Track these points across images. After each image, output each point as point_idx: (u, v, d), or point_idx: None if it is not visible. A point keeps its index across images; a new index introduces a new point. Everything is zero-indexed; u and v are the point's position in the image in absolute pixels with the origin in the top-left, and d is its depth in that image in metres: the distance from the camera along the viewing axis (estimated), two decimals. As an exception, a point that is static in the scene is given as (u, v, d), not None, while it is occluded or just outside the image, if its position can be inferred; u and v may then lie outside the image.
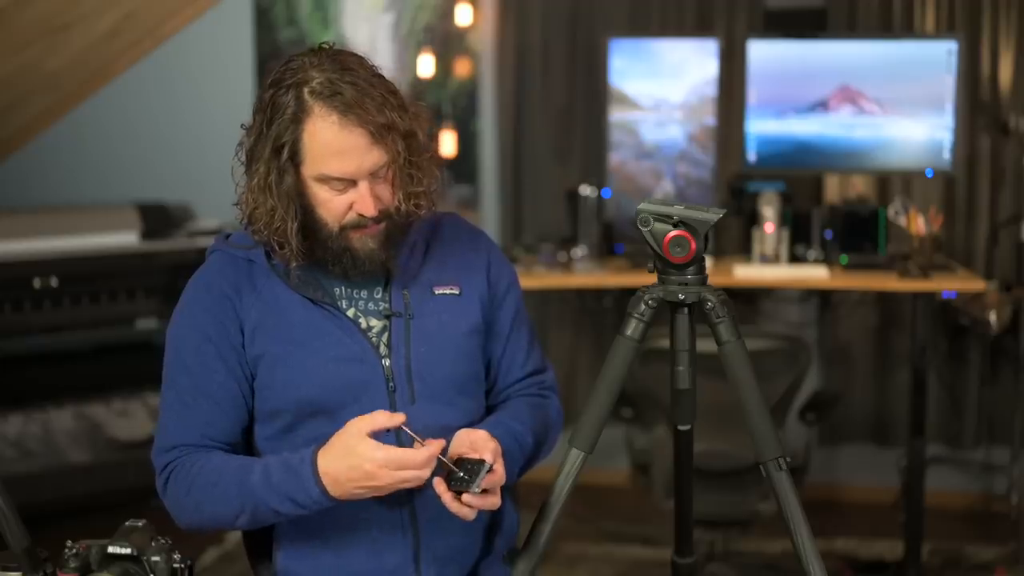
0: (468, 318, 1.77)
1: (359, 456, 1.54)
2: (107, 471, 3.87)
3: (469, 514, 1.60)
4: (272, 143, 1.62)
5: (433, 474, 1.58)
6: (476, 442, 1.63)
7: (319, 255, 1.68)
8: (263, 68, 4.31)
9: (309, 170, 1.63)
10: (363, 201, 1.63)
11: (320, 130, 1.60)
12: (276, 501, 1.60)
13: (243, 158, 1.69)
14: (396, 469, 1.53)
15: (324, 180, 1.63)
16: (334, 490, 1.56)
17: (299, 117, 1.60)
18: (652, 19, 4.07)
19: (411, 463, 1.53)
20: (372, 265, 1.68)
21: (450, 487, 1.59)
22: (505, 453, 1.65)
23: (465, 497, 1.58)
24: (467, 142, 4.27)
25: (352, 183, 1.63)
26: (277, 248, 1.67)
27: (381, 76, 1.66)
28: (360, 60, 1.66)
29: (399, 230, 1.70)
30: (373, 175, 1.63)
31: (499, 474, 1.61)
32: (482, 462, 1.58)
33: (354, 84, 1.60)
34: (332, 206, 1.64)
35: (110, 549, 1.40)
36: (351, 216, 1.65)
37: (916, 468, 3.36)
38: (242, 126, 1.69)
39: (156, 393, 3.82)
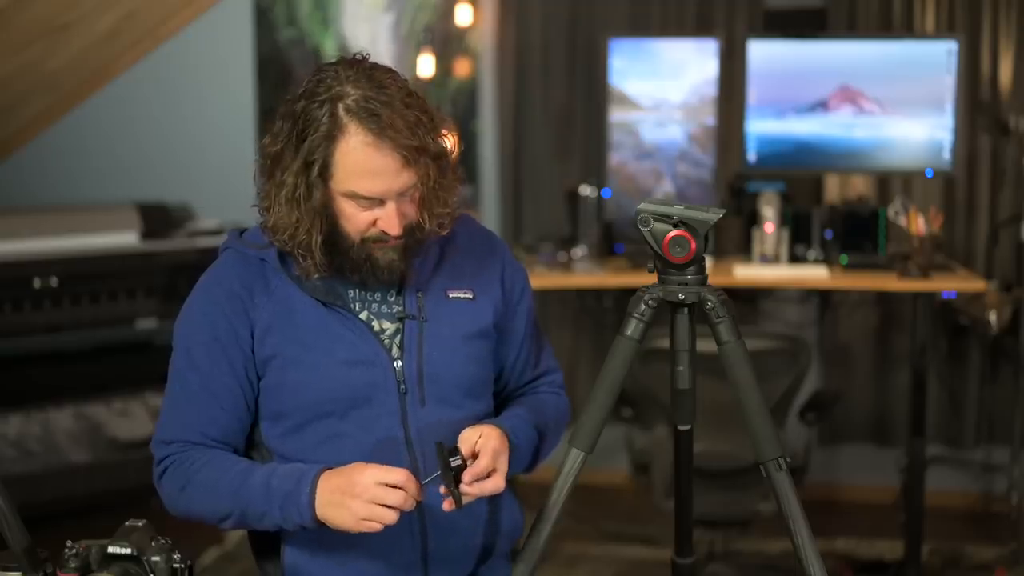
0: (480, 322, 1.78)
1: (351, 477, 1.57)
2: (107, 471, 3.87)
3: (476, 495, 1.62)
4: (304, 158, 1.61)
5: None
6: (482, 444, 1.64)
7: (338, 264, 1.69)
8: (263, 68, 4.31)
9: (338, 185, 1.63)
10: (388, 220, 1.64)
11: (353, 149, 1.59)
12: (267, 504, 1.62)
13: (262, 157, 1.69)
14: (380, 481, 1.55)
15: (352, 196, 1.63)
16: (318, 500, 1.58)
17: (333, 135, 1.59)
18: (652, 19, 4.07)
19: (393, 479, 1.55)
20: (391, 275, 1.69)
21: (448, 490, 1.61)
22: (515, 438, 1.69)
23: (463, 497, 1.60)
24: (467, 142, 4.24)
25: (380, 202, 1.63)
26: (300, 260, 1.68)
27: (414, 93, 1.65)
28: (393, 76, 1.65)
29: (418, 243, 1.71)
30: (400, 195, 1.64)
31: (480, 467, 1.61)
32: (460, 466, 1.60)
33: (389, 104, 1.59)
34: (356, 220, 1.65)
35: (110, 549, 1.40)
36: (374, 231, 1.66)
37: (916, 468, 3.36)
38: (266, 127, 1.69)
39: (156, 393, 3.89)
